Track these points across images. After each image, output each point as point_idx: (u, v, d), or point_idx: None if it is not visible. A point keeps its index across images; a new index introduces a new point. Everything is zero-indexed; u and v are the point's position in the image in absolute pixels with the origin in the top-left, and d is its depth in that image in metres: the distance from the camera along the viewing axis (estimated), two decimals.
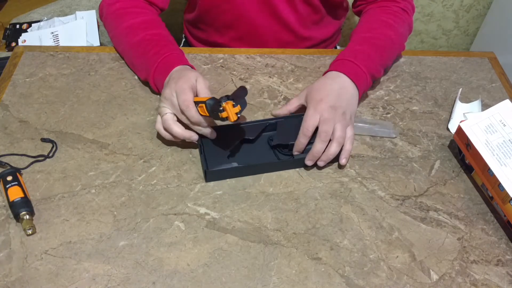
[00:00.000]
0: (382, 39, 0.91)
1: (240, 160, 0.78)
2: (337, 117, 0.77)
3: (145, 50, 0.87)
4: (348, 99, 0.81)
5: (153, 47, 0.86)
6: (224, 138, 0.80)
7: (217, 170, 0.76)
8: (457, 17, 1.61)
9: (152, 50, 0.85)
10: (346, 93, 0.81)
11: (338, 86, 0.81)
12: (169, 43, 0.88)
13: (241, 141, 0.80)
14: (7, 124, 0.84)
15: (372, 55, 0.88)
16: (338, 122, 0.77)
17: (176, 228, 0.71)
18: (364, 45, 0.89)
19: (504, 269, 0.69)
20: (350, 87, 0.82)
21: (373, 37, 0.91)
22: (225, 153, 0.78)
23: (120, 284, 0.65)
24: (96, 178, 0.77)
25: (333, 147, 0.77)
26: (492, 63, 1.01)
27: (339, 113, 0.78)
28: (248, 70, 0.97)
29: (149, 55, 0.86)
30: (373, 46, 0.89)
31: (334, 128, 0.77)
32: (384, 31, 0.91)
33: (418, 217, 0.74)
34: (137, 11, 0.92)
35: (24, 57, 0.97)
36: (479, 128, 0.78)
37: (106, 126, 0.85)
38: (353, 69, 0.84)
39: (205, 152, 0.78)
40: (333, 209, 0.75)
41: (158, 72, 0.84)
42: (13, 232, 0.70)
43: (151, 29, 0.89)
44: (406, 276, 0.67)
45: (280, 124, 0.82)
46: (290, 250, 0.69)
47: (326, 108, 0.77)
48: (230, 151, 0.79)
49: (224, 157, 0.78)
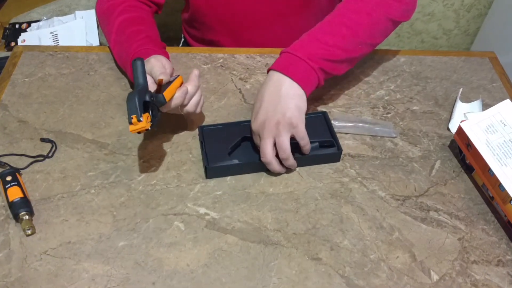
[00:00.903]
0: (340, 14, 0.82)
1: (241, 157, 0.78)
2: (273, 131, 0.73)
3: (121, 50, 0.87)
4: (282, 103, 0.74)
5: (130, 45, 0.85)
6: (225, 135, 0.80)
7: (218, 166, 0.76)
8: (458, 16, 1.61)
9: (126, 52, 0.85)
10: (277, 97, 0.74)
11: (268, 92, 0.75)
12: (142, 38, 0.86)
13: (242, 138, 0.80)
14: (6, 124, 0.84)
15: (322, 38, 0.79)
16: (277, 136, 0.73)
17: (176, 228, 0.71)
18: (316, 29, 0.81)
19: (505, 270, 0.69)
20: (284, 87, 0.75)
21: (335, 15, 0.82)
22: (226, 150, 0.78)
23: (120, 284, 0.65)
24: (95, 178, 0.77)
25: (286, 164, 0.76)
26: (493, 63, 1.01)
27: (271, 125, 0.73)
28: (248, 70, 0.96)
29: (123, 56, 0.86)
30: (328, 25, 0.81)
31: (276, 142, 0.74)
32: (351, 5, 0.83)
33: (418, 217, 0.74)
34: (125, 9, 0.91)
35: (23, 56, 0.97)
36: (479, 128, 0.77)
37: (105, 126, 0.85)
38: (290, 62, 0.77)
39: (206, 149, 0.78)
40: (333, 209, 0.74)
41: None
42: (12, 232, 0.70)
43: (131, 27, 0.88)
44: (407, 277, 0.67)
45: None
46: (290, 251, 0.69)
47: (258, 126, 0.74)
48: (231, 148, 0.79)
49: (225, 154, 0.78)
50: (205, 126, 0.82)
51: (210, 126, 0.82)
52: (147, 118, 0.68)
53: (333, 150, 0.80)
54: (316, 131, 0.81)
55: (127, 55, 0.84)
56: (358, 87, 0.94)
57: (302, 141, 0.75)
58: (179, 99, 0.74)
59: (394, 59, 1.00)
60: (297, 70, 0.76)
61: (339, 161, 0.81)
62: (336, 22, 0.82)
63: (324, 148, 0.80)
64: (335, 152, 0.80)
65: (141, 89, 0.70)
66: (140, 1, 0.95)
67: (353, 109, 0.89)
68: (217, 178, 0.78)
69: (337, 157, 0.81)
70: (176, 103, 0.74)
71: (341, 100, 0.91)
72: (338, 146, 0.80)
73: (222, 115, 0.87)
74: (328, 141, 0.80)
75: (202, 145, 0.79)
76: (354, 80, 0.95)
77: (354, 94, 0.92)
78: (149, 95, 0.69)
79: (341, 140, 0.84)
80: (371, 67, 0.98)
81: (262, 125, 0.74)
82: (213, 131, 0.81)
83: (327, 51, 0.79)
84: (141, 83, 0.71)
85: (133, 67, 0.72)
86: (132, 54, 0.83)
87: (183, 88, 0.75)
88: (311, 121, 0.82)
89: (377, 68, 0.98)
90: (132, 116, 0.67)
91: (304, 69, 0.77)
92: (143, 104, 0.68)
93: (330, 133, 0.82)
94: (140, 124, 0.67)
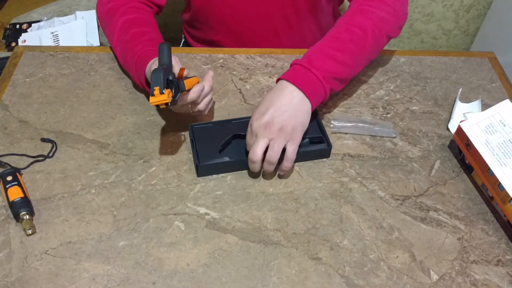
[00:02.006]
0: (347, 30, 0.83)
1: (232, 155, 0.78)
2: (272, 134, 0.74)
3: (125, 50, 0.87)
4: (292, 113, 0.75)
5: (134, 45, 0.85)
6: (216, 133, 0.81)
7: (209, 164, 0.77)
8: (457, 17, 1.61)
9: (131, 51, 0.85)
10: (288, 107, 0.75)
11: (281, 99, 0.76)
12: (147, 40, 0.86)
13: (232, 136, 0.81)
14: (7, 124, 0.84)
15: (333, 55, 0.80)
16: (274, 140, 0.74)
17: (176, 228, 0.71)
18: (325, 43, 0.82)
19: (504, 269, 0.69)
20: (296, 100, 0.76)
21: (341, 30, 0.83)
22: (217, 148, 0.79)
23: (120, 284, 0.65)
24: (96, 178, 0.77)
25: (266, 167, 0.75)
26: (492, 63, 1.01)
27: (274, 128, 0.74)
28: (248, 70, 0.96)
29: (128, 56, 0.86)
30: (337, 40, 0.82)
31: (270, 145, 0.74)
32: (357, 20, 0.84)
33: (418, 217, 0.74)
34: (127, 10, 0.91)
35: (24, 57, 0.97)
36: (479, 128, 0.78)
37: (106, 126, 0.85)
38: (308, 81, 0.78)
39: (197, 147, 0.79)
40: (333, 209, 0.75)
41: (138, 70, 0.84)
42: (13, 232, 0.70)
43: (134, 27, 0.89)
44: (406, 276, 0.67)
45: None
46: (290, 250, 0.69)
47: (260, 125, 0.74)
48: (222, 146, 0.79)
49: (216, 152, 0.79)
50: (195, 125, 0.82)
51: (201, 125, 0.82)
52: (168, 93, 0.67)
53: (323, 146, 0.81)
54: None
55: (132, 55, 0.84)
56: (357, 87, 0.94)
57: (290, 154, 0.74)
58: (196, 94, 0.74)
59: (393, 59, 1.00)
60: (312, 88, 0.78)
61: (329, 156, 0.81)
62: (344, 39, 0.82)
63: (314, 144, 0.81)
64: (325, 148, 0.80)
65: (166, 68, 0.70)
66: (141, 2, 0.95)
67: (353, 109, 0.90)
68: (211, 176, 0.78)
69: (328, 153, 0.81)
70: (192, 97, 0.74)
71: (341, 100, 0.91)
72: (328, 142, 0.80)
73: (222, 115, 0.88)
74: (317, 137, 0.81)
75: (192, 144, 0.79)
76: (354, 80, 0.95)
77: (353, 94, 0.93)
78: (172, 76, 0.69)
79: (340, 140, 0.84)
80: (371, 67, 0.98)
81: (264, 125, 0.74)
82: (203, 129, 0.82)
83: (337, 69, 0.81)
84: (166, 63, 0.71)
85: (160, 49, 0.72)
86: (137, 55, 0.83)
87: (200, 85, 0.75)
88: None
89: (377, 68, 0.98)
90: (155, 88, 0.66)
91: (319, 90, 0.79)
92: (166, 81, 0.68)
93: (320, 129, 0.82)
94: (161, 96, 0.66)
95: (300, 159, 0.80)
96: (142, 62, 0.82)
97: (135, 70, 0.84)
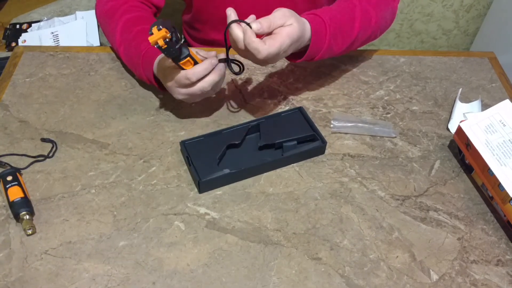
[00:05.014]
0: (360, 17, 0.87)
1: (231, 166, 0.76)
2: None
3: (130, 48, 0.87)
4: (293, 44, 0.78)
5: (139, 43, 0.85)
6: (209, 146, 0.79)
7: (210, 179, 0.75)
8: (457, 17, 1.61)
9: (136, 49, 0.85)
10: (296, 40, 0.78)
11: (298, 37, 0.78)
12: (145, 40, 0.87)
13: (227, 146, 0.79)
14: (7, 124, 0.84)
15: (337, 38, 0.84)
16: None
17: (176, 228, 0.71)
18: (343, 15, 0.85)
19: (504, 269, 0.69)
20: (303, 39, 0.79)
21: (351, 9, 0.87)
22: (214, 161, 0.77)
23: (120, 284, 0.65)
24: (96, 178, 0.77)
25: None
26: (492, 63, 1.01)
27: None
28: (248, 70, 0.96)
29: (133, 54, 0.86)
30: (350, 21, 0.86)
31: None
32: (366, 7, 0.88)
33: (418, 217, 0.74)
34: (128, 9, 0.91)
35: (24, 57, 0.97)
36: (479, 128, 0.78)
37: (106, 126, 0.85)
38: (320, 39, 0.82)
39: (194, 164, 0.76)
40: (333, 209, 0.75)
41: (145, 67, 0.84)
42: (13, 232, 0.70)
43: (137, 25, 0.88)
44: (406, 276, 0.67)
45: (262, 125, 0.82)
46: (290, 250, 0.69)
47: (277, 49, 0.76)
48: (219, 158, 0.77)
49: (214, 165, 0.76)
50: (186, 141, 0.79)
51: (191, 140, 0.80)
52: (165, 31, 0.68)
53: (318, 144, 0.81)
54: (297, 127, 0.82)
55: (138, 53, 0.84)
56: (357, 87, 0.94)
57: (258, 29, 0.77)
58: (210, 64, 0.76)
59: (393, 60, 1.00)
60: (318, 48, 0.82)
61: (324, 153, 0.81)
62: (352, 27, 0.86)
63: (308, 142, 0.81)
64: (320, 145, 0.80)
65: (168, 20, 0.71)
66: (141, 2, 0.95)
67: (353, 109, 0.90)
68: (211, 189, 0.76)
69: (323, 150, 0.81)
70: (207, 68, 0.76)
71: (341, 100, 0.91)
72: (322, 139, 0.80)
73: (222, 115, 0.88)
74: (310, 136, 0.81)
75: (188, 160, 0.77)
76: (354, 80, 0.95)
77: (353, 94, 0.93)
78: (173, 24, 0.70)
79: (340, 140, 0.84)
80: (371, 67, 0.98)
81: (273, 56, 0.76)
82: (195, 144, 0.79)
83: (334, 47, 0.85)
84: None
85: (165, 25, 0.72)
86: (144, 52, 0.83)
87: (213, 57, 0.78)
88: (289, 118, 0.83)
89: (377, 68, 0.98)
90: (153, 27, 0.68)
91: (322, 53, 0.83)
92: (167, 25, 0.69)
93: (311, 127, 0.82)
94: (159, 32, 0.67)
95: (296, 160, 0.80)
96: (149, 58, 0.82)
97: (142, 67, 0.84)
